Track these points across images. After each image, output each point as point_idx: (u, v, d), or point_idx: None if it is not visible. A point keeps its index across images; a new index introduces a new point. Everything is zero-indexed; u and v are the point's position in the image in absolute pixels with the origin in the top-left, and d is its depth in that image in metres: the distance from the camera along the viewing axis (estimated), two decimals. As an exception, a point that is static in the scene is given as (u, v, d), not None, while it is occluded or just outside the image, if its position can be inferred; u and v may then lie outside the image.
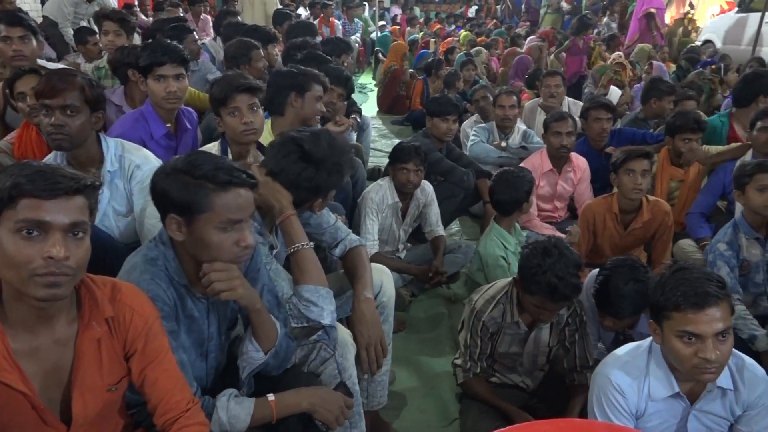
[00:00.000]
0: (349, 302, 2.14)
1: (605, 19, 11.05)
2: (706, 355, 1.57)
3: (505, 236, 3.04)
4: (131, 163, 2.41)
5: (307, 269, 1.92)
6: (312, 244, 1.99)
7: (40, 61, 3.74)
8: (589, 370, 2.28)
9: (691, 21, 10.12)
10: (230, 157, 2.64)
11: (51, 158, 2.35)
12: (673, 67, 7.61)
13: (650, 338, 1.79)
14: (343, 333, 2.02)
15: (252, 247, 1.59)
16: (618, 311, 2.32)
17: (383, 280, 2.28)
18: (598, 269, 2.47)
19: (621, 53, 7.58)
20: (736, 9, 9.47)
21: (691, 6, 10.60)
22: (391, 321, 2.31)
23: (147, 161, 2.45)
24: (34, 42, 3.43)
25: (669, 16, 9.88)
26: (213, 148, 2.65)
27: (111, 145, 2.39)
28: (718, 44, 9.15)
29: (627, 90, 6.04)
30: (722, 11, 10.28)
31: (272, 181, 1.94)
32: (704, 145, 3.86)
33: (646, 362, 1.77)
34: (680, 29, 9.84)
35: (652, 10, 8.91)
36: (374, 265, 2.29)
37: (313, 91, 2.88)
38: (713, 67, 6.64)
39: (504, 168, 3.31)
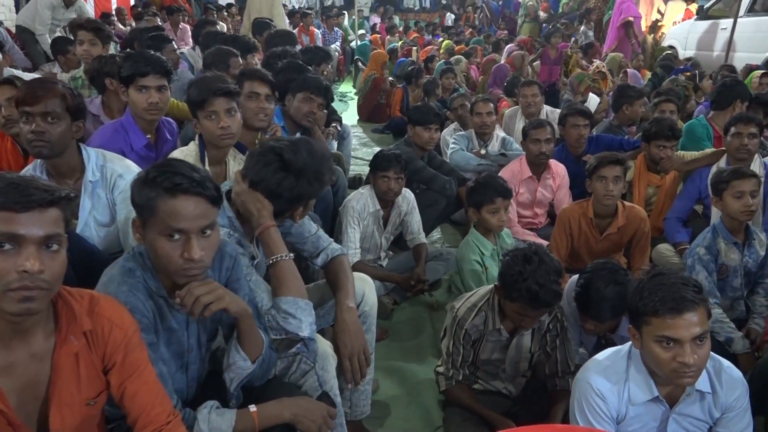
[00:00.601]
0: (331, 312, 2.14)
1: (582, 28, 11.21)
2: (684, 359, 1.59)
3: (482, 241, 3.05)
4: (113, 173, 2.39)
5: (286, 280, 1.90)
6: (292, 255, 1.98)
7: (17, 72, 3.70)
8: (571, 376, 2.30)
9: (658, 28, 10.34)
10: (207, 160, 2.63)
11: (30, 169, 2.32)
12: (648, 74, 7.73)
13: (630, 343, 1.81)
14: (324, 345, 2.00)
15: (199, 261, 1.52)
16: (599, 314, 2.34)
17: (365, 289, 2.27)
18: (578, 275, 2.49)
19: (601, 62, 7.68)
20: (695, 17, 9.98)
21: (660, 14, 10.82)
22: (373, 330, 2.31)
23: (129, 171, 2.43)
24: (0, 55, 3.40)
25: (643, 25, 10.05)
26: (191, 150, 2.63)
27: (92, 155, 2.37)
28: (680, 50, 9.52)
29: (605, 98, 6.12)
30: (684, 19, 10.61)
31: (253, 191, 1.92)
32: (680, 151, 3.93)
33: (626, 367, 1.79)
34: (651, 36, 10.03)
35: (630, 19, 9.06)
36: (356, 274, 2.28)
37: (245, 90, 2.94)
38: (688, 74, 6.75)
39: (485, 173, 3.35)
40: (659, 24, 10.38)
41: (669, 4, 10.87)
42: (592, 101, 5.33)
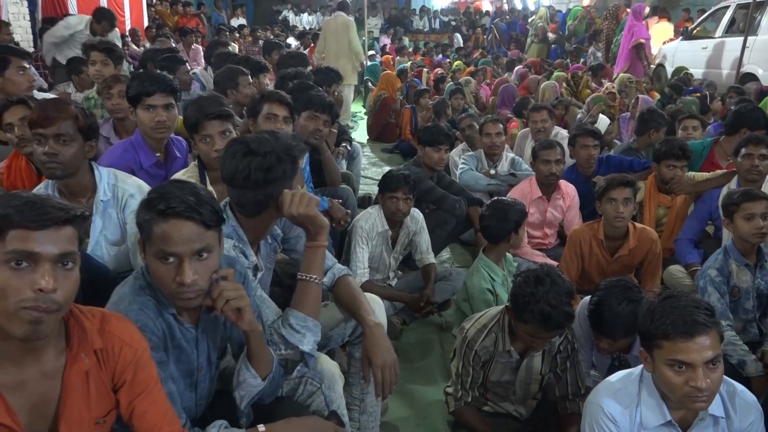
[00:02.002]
0: (341, 333, 2.13)
1: (591, 48, 11.25)
2: (696, 383, 1.58)
3: (493, 268, 3.01)
4: (125, 193, 2.42)
5: (308, 301, 1.89)
6: (325, 282, 2.02)
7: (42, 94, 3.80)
8: (582, 398, 2.27)
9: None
10: (207, 180, 2.64)
11: (42, 188, 2.35)
12: (657, 96, 7.73)
13: (642, 366, 1.79)
14: (330, 365, 1.99)
15: (191, 285, 1.51)
16: (613, 332, 2.32)
17: (375, 309, 2.24)
18: (589, 297, 2.47)
19: (611, 83, 7.69)
20: (681, 37, 10.62)
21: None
22: None
23: (140, 190, 2.45)
24: (31, 71, 3.51)
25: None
26: (192, 171, 2.65)
27: (104, 175, 2.40)
28: (669, 68, 10.02)
29: (616, 122, 6.13)
30: (669, 40, 10.93)
31: (313, 212, 1.91)
32: (690, 172, 3.91)
33: (638, 390, 1.77)
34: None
35: (642, 41, 9.12)
36: (366, 294, 2.26)
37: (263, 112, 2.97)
38: (698, 95, 6.74)
39: (498, 197, 3.32)
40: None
41: (656, 26, 11.02)
42: (602, 122, 5.33)
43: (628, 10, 9.90)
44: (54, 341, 1.33)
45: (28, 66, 3.50)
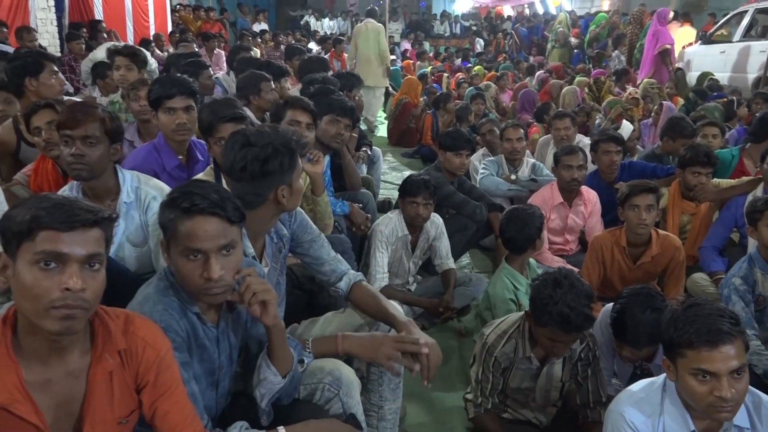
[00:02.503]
0: None
1: (615, 52, 11.13)
2: (721, 393, 1.55)
3: (516, 276, 2.97)
4: (147, 195, 2.44)
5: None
6: (341, 287, 2.15)
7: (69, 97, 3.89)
8: (603, 407, 2.25)
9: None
10: (224, 182, 2.66)
11: (66, 189, 2.39)
12: (681, 101, 7.64)
13: (665, 375, 1.76)
14: (347, 371, 1.98)
15: (219, 281, 1.54)
16: (635, 340, 2.29)
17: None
18: (611, 303, 2.45)
19: (634, 88, 7.61)
20: (699, 42, 10.68)
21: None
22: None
23: (163, 193, 2.47)
24: (61, 76, 3.60)
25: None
26: (209, 174, 2.67)
27: (127, 177, 2.43)
28: (688, 72, 10.07)
29: (637, 125, 6.07)
30: (689, 45, 10.89)
31: None
32: (714, 179, 3.85)
33: (661, 399, 1.75)
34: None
35: (668, 47, 9.04)
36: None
37: (286, 118, 2.98)
38: (724, 100, 6.64)
39: (513, 206, 3.31)
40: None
41: (679, 30, 10.94)
42: (626, 128, 5.27)
43: (652, 14, 9.82)
44: (79, 341, 1.35)
45: (57, 70, 3.56)
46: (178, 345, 1.56)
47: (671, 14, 10.21)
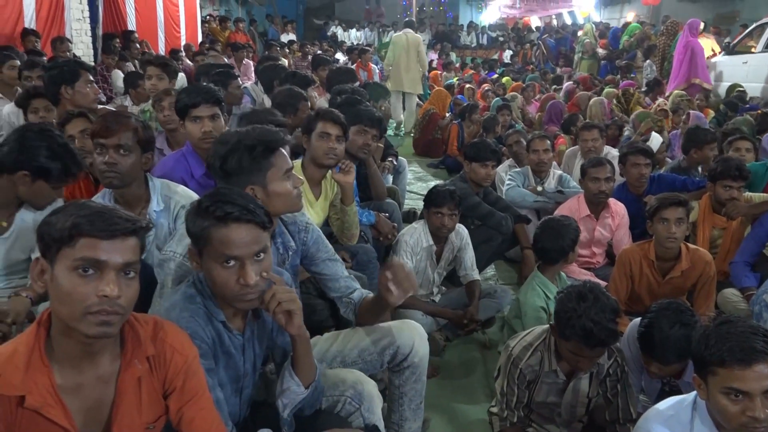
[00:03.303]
0: (378, 360, 2.11)
1: (647, 62, 11.00)
2: (754, 413, 1.52)
3: (548, 285, 2.98)
4: (177, 203, 2.48)
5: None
6: (354, 299, 2.09)
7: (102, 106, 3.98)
8: (632, 423, 2.21)
9: None
10: None
11: (99, 197, 2.43)
12: (712, 113, 7.52)
13: (695, 392, 1.73)
14: (369, 386, 1.98)
15: (255, 286, 1.56)
16: (663, 356, 2.24)
17: (415, 339, 2.16)
18: (639, 318, 2.41)
19: (664, 100, 7.52)
20: (722, 53, 10.68)
21: (713, 52, 10.82)
22: (423, 380, 2.23)
23: (191, 200, 2.51)
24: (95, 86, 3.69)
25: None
26: None
27: (158, 186, 2.48)
28: (708, 83, 9.98)
29: (665, 135, 5.99)
30: (714, 55, 10.78)
31: None
32: (747, 193, 3.78)
33: (690, 418, 1.71)
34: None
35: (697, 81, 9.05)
36: (407, 322, 2.23)
37: (316, 130, 2.98)
38: (759, 112, 6.51)
39: (549, 216, 3.29)
40: None
41: (703, 41, 10.81)
42: (655, 140, 5.20)
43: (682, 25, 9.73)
44: (110, 346, 1.38)
45: (92, 79, 3.65)
46: (204, 352, 1.57)
47: (702, 25, 10.10)
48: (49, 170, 2.33)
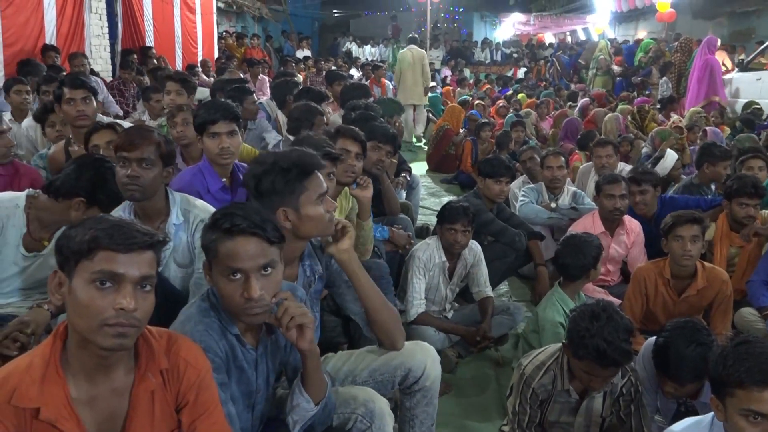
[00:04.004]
0: (389, 380, 2.09)
1: (663, 79, 10.97)
2: (773, 436, 1.49)
3: (567, 302, 2.95)
4: (196, 218, 2.50)
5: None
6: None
7: (105, 119, 3.98)
8: (646, 444, 2.18)
9: None
10: None
11: (119, 209, 2.46)
12: (728, 130, 7.47)
13: (712, 413, 1.70)
14: (381, 404, 1.95)
15: (259, 300, 1.56)
16: (679, 376, 2.22)
17: (427, 362, 2.11)
18: (654, 337, 2.38)
19: (679, 116, 7.49)
20: (737, 69, 10.59)
21: (725, 66, 10.77)
22: (435, 403, 2.19)
23: (209, 214, 2.52)
24: (95, 102, 3.66)
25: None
26: None
27: (177, 199, 2.50)
28: (725, 100, 10.03)
29: (687, 152, 5.95)
30: (726, 72, 10.71)
31: None
32: (764, 211, 3.74)
33: (708, 439, 1.69)
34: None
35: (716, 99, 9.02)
36: (420, 344, 2.18)
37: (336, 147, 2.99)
38: (769, 131, 6.46)
39: (572, 233, 3.27)
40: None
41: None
42: (670, 158, 5.15)
43: (698, 42, 9.71)
44: (125, 359, 1.39)
45: (85, 96, 3.55)
46: (217, 366, 1.58)
47: (719, 42, 10.09)
48: (103, 197, 2.42)
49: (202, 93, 6.04)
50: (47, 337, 1.36)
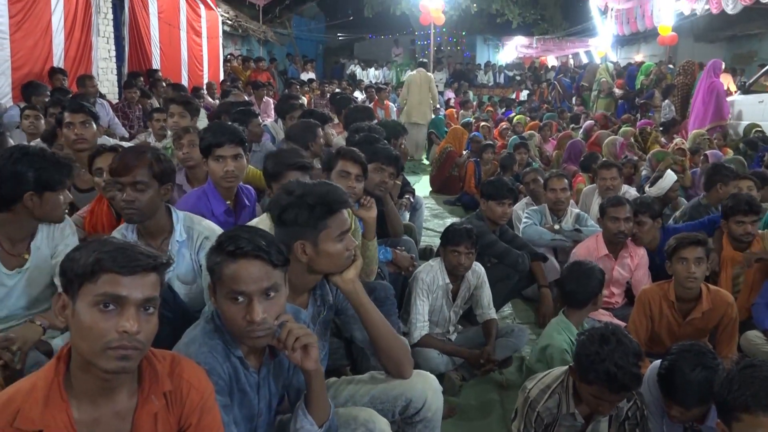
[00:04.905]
0: (389, 409, 2.06)
1: (666, 101, 11.02)
2: (781, 461, 1.48)
3: (572, 330, 2.90)
4: (200, 235, 2.52)
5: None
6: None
7: (111, 140, 4.01)
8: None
9: None
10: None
11: (122, 228, 2.48)
12: (731, 152, 7.48)
13: (719, 438, 1.69)
14: (382, 424, 1.94)
15: (261, 323, 1.56)
16: (684, 399, 2.19)
17: (428, 393, 2.08)
18: (660, 360, 2.36)
19: (682, 139, 7.51)
20: (738, 92, 10.73)
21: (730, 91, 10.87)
22: None
23: (214, 233, 2.53)
24: (94, 127, 3.70)
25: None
26: (264, 220, 2.72)
27: (180, 217, 2.52)
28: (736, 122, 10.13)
29: (687, 174, 5.95)
30: (729, 94, 10.77)
31: None
32: (764, 230, 3.73)
33: (715, 464, 1.67)
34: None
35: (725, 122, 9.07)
36: (422, 374, 2.15)
37: (336, 168, 3.02)
38: (773, 155, 6.48)
39: (574, 260, 3.26)
40: None
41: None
42: (668, 178, 5.14)
43: (700, 65, 9.78)
44: (128, 382, 1.39)
45: (84, 120, 3.60)
46: (221, 388, 1.57)
47: (723, 65, 10.17)
48: (47, 179, 2.33)
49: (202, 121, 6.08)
50: (35, 353, 1.36)
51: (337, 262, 1.98)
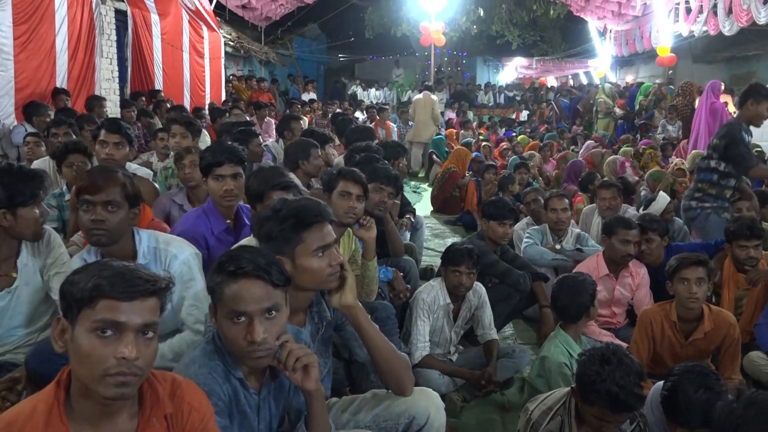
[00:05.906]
0: (393, 427, 2.05)
1: (662, 121, 11.05)
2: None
3: (570, 343, 2.94)
4: (168, 254, 2.42)
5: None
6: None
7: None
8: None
9: None
10: None
11: (84, 254, 2.38)
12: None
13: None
14: None
15: (262, 344, 1.55)
16: (688, 421, 2.18)
17: (431, 410, 2.08)
18: (662, 381, 2.35)
19: (680, 159, 7.52)
20: (734, 109, 10.27)
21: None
22: None
23: (183, 250, 2.47)
24: (127, 149, 3.69)
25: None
26: (252, 239, 2.72)
27: (144, 239, 2.41)
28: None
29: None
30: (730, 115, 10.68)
31: None
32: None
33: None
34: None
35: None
36: (425, 391, 2.15)
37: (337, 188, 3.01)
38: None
39: (564, 274, 3.27)
40: None
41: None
42: (661, 199, 5.13)
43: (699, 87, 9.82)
44: (129, 405, 1.38)
45: (119, 141, 3.62)
46: (220, 410, 1.56)
47: (722, 86, 10.19)
48: (16, 194, 2.26)
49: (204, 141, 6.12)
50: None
51: (318, 279, 1.94)
